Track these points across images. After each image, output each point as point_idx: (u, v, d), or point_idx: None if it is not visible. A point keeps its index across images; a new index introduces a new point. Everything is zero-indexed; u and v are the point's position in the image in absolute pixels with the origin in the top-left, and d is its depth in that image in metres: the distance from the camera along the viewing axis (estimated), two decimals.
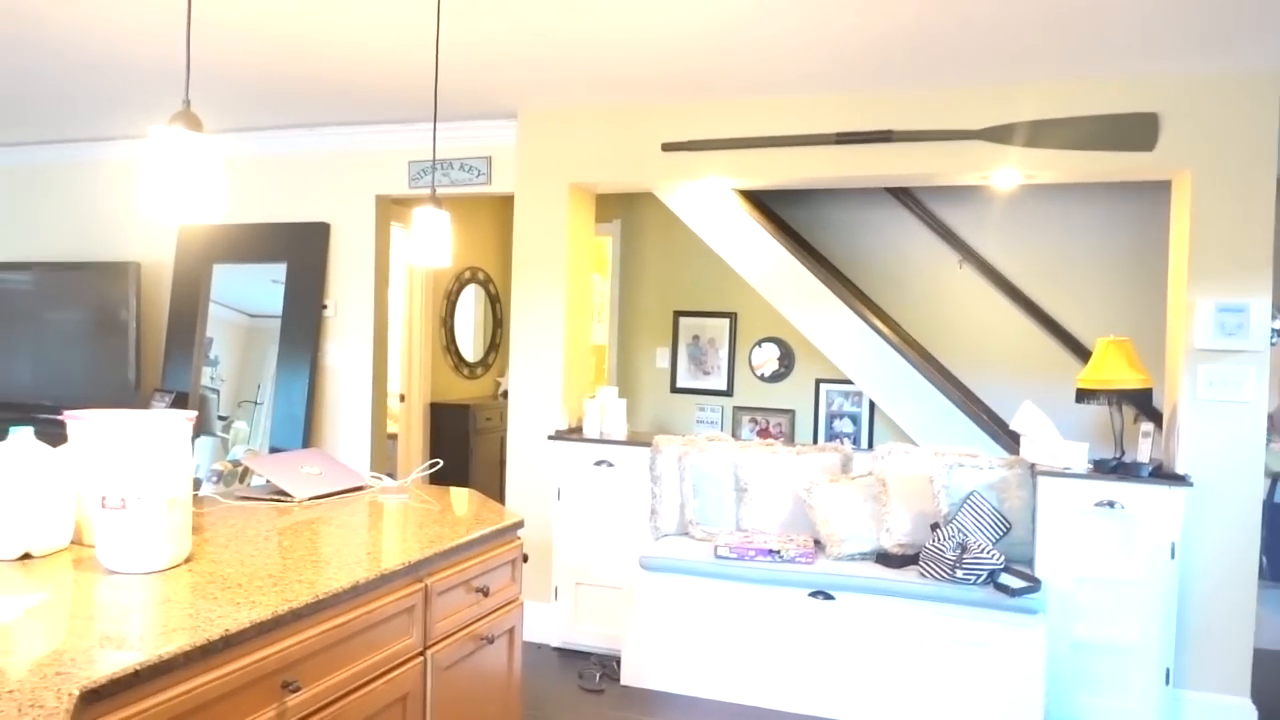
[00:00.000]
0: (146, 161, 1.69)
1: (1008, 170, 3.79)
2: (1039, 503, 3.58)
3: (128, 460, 1.82)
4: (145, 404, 5.17)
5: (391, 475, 3.11)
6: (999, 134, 3.73)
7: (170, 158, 1.68)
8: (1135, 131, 3.57)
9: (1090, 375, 3.71)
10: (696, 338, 5.97)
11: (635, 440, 4.24)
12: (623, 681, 3.85)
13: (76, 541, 2.03)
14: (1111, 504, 3.49)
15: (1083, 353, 5.01)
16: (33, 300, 5.56)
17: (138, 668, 1.36)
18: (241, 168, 5.10)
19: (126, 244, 5.48)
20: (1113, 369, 3.64)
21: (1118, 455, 3.65)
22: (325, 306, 5.01)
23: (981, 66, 3.53)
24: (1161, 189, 4.68)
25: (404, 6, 3.06)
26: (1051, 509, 3.56)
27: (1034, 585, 3.37)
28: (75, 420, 1.98)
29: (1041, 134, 3.68)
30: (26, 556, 1.91)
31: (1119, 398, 3.70)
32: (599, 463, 4.22)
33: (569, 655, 4.22)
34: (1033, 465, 3.70)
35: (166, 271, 5.39)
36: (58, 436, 2.05)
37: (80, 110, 4.70)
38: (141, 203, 1.71)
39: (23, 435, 1.96)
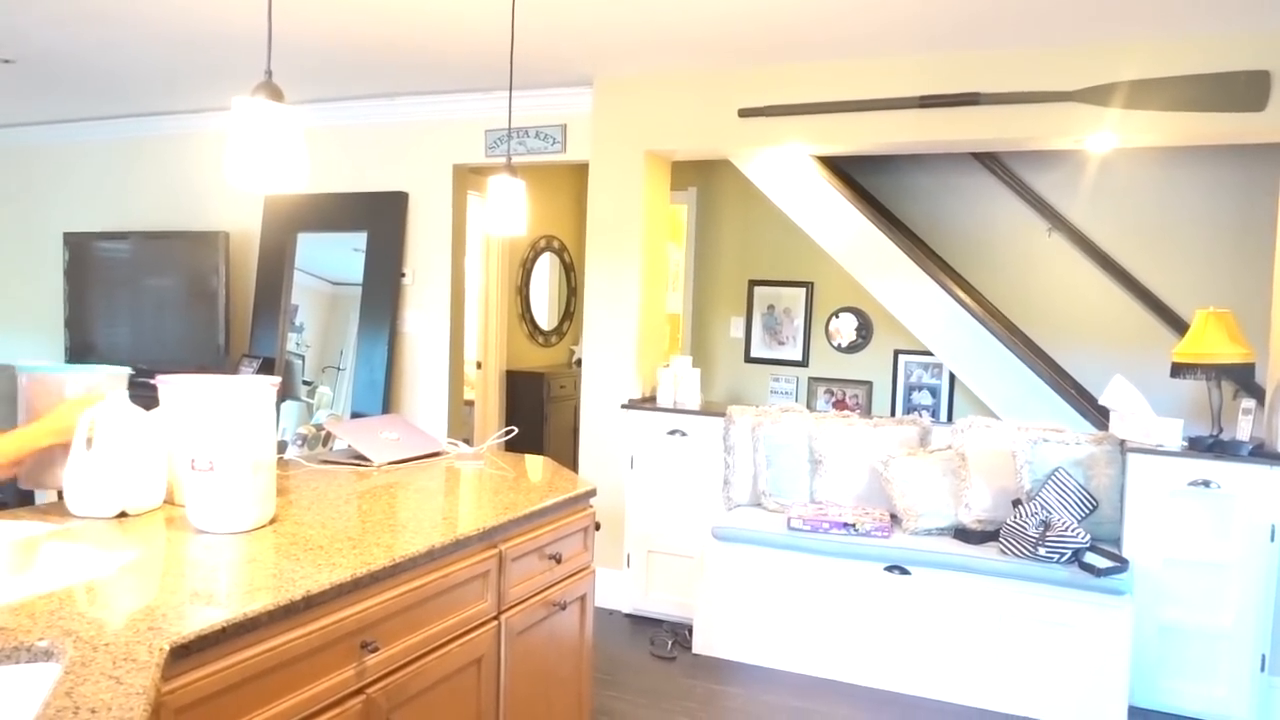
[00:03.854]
0: (231, 132, 1.73)
1: (1104, 134, 3.61)
2: (1128, 481, 3.45)
3: (215, 425, 1.88)
4: (234, 369, 5.36)
5: (468, 441, 3.16)
6: (1096, 95, 3.55)
7: (253, 128, 1.71)
8: (1244, 91, 3.36)
9: (1187, 349, 3.54)
10: (771, 307, 5.90)
11: (709, 410, 4.22)
12: (694, 650, 3.87)
13: (169, 501, 2.11)
14: (1207, 483, 3.34)
15: (1179, 325, 4.78)
16: (131, 268, 5.79)
17: (224, 625, 1.41)
18: (323, 138, 5.20)
19: (216, 214, 5.66)
20: (1212, 342, 3.47)
21: (1215, 433, 3.48)
22: (404, 275, 5.10)
23: (1077, 23, 3.36)
24: (1271, 152, 4.42)
25: None
26: (1142, 487, 3.43)
27: (1121, 565, 3.26)
28: (166, 385, 2.05)
29: (1142, 95, 3.50)
30: (123, 515, 2.00)
31: (1218, 373, 3.52)
32: (672, 432, 4.22)
33: (640, 622, 4.26)
34: (1123, 442, 3.56)
35: (253, 240, 5.55)
36: (152, 400, 2.12)
37: (172, 84, 4.85)
38: (228, 173, 1.75)
39: (117, 399, 2.04)
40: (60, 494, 2.04)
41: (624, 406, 4.34)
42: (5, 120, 6.06)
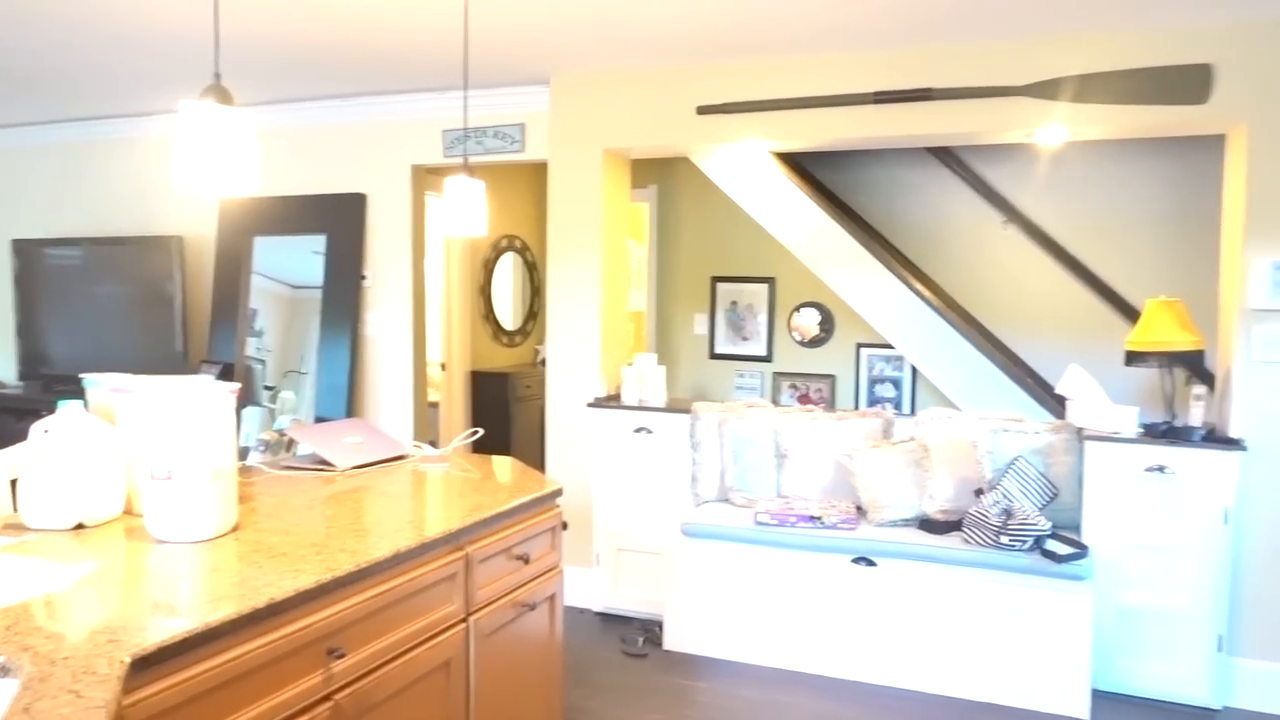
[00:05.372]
0: (179, 136, 1.70)
1: (1054, 127, 3.68)
2: (1086, 468, 3.52)
3: (172, 433, 1.85)
4: (193, 375, 5.27)
5: (434, 443, 3.14)
6: (1044, 89, 3.61)
7: (202, 132, 1.69)
8: (1187, 84, 3.44)
9: (1140, 337, 3.62)
10: (735, 303, 5.93)
11: (674, 407, 4.23)
12: (665, 646, 3.88)
13: (127, 511, 2.08)
14: (1162, 469, 3.42)
15: (1132, 314, 4.89)
16: (83, 275, 5.67)
17: (186, 635, 1.39)
18: (278, 140, 5.13)
19: (169, 218, 5.56)
20: (1163, 330, 3.55)
21: (1168, 419, 3.56)
22: (364, 277, 5.05)
23: (1025, 18, 3.41)
24: (1215, 143, 4.52)
25: None
26: (1099, 474, 3.50)
27: (1081, 551, 3.32)
28: (122, 394, 2.01)
29: (1089, 88, 3.57)
30: (80, 526, 1.96)
31: (1170, 360, 3.61)
32: (638, 430, 4.23)
33: (611, 620, 4.26)
34: (1080, 430, 3.63)
35: (209, 244, 5.46)
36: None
37: (117, 87, 4.75)
38: (176, 177, 1.72)
39: (73, 408, 2.00)
40: (15, 506, 2.00)
41: (589, 405, 4.34)
42: None
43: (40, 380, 5.74)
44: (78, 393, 2.21)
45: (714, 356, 6.00)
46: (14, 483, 2.02)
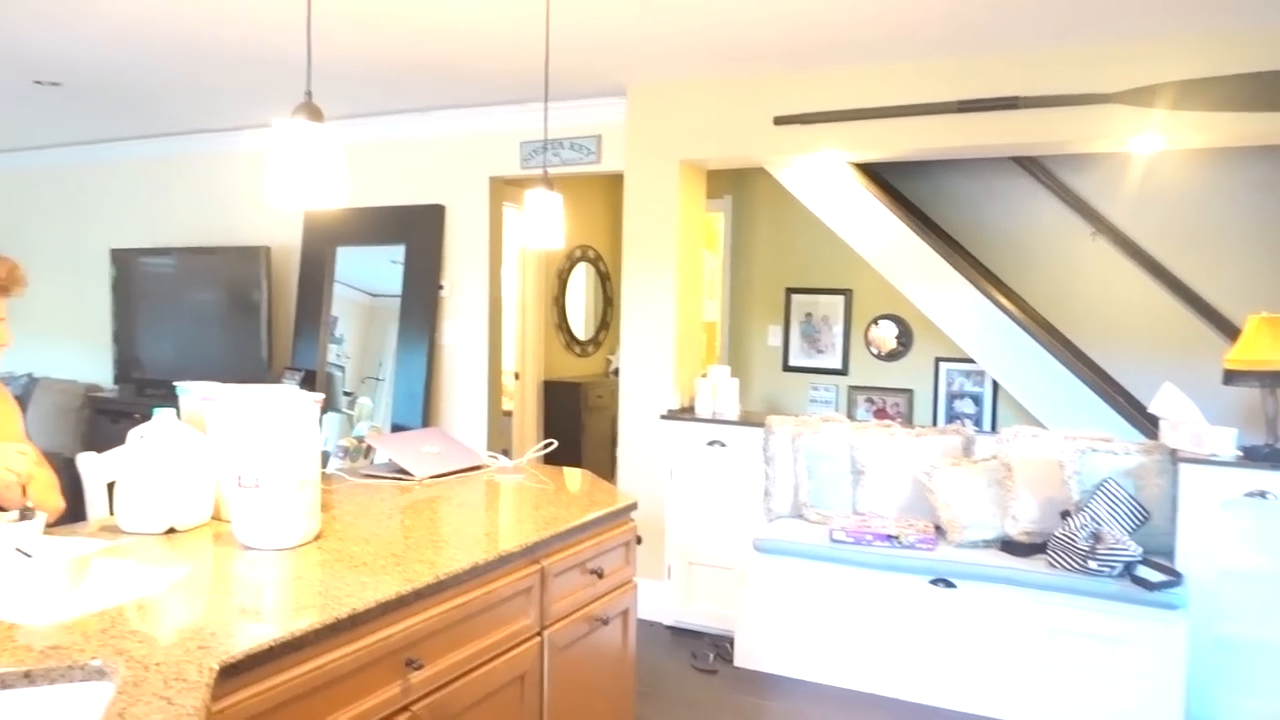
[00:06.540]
0: (272, 152, 1.74)
1: (1149, 136, 3.54)
2: (1181, 491, 3.37)
3: (261, 443, 1.89)
4: (277, 381, 5.42)
5: (507, 453, 3.16)
6: (1139, 96, 3.48)
7: (294, 148, 1.73)
8: None
9: (1240, 355, 3.45)
10: (809, 315, 5.85)
11: (748, 420, 4.19)
12: (736, 663, 3.84)
13: (215, 517, 2.13)
14: (1263, 494, 3.25)
15: (1230, 331, 4.66)
16: (174, 283, 5.89)
17: (272, 644, 1.41)
18: (360, 153, 5.25)
19: (257, 228, 5.74)
20: (1265, 348, 3.38)
21: (1270, 442, 3.39)
22: (441, 286, 5.13)
23: (1119, 21, 3.29)
24: None
25: None
26: (1195, 498, 3.34)
27: (1175, 579, 3.17)
28: (212, 403, 2.07)
29: (1188, 95, 3.42)
30: (171, 531, 2.02)
31: (1272, 380, 3.43)
32: (711, 443, 4.19)
33: (682, 634, 4.23)
34: (1174, 451, 3.47)
35: (294, 254, 5.62)
36: None
37: (212, 102, 4.93)
38: (269, 192, 1.76)
39: (165, 416, 2.06)
40: (112, 509, 2.07)
41: (663, 417, 4.32)
42: (53, 141, 6.21)
43: (134, 384, 5.98)
44: (169, 397, 2.28)
45: (788, 369, 5.93)
46: (111, 486, 2.09)
